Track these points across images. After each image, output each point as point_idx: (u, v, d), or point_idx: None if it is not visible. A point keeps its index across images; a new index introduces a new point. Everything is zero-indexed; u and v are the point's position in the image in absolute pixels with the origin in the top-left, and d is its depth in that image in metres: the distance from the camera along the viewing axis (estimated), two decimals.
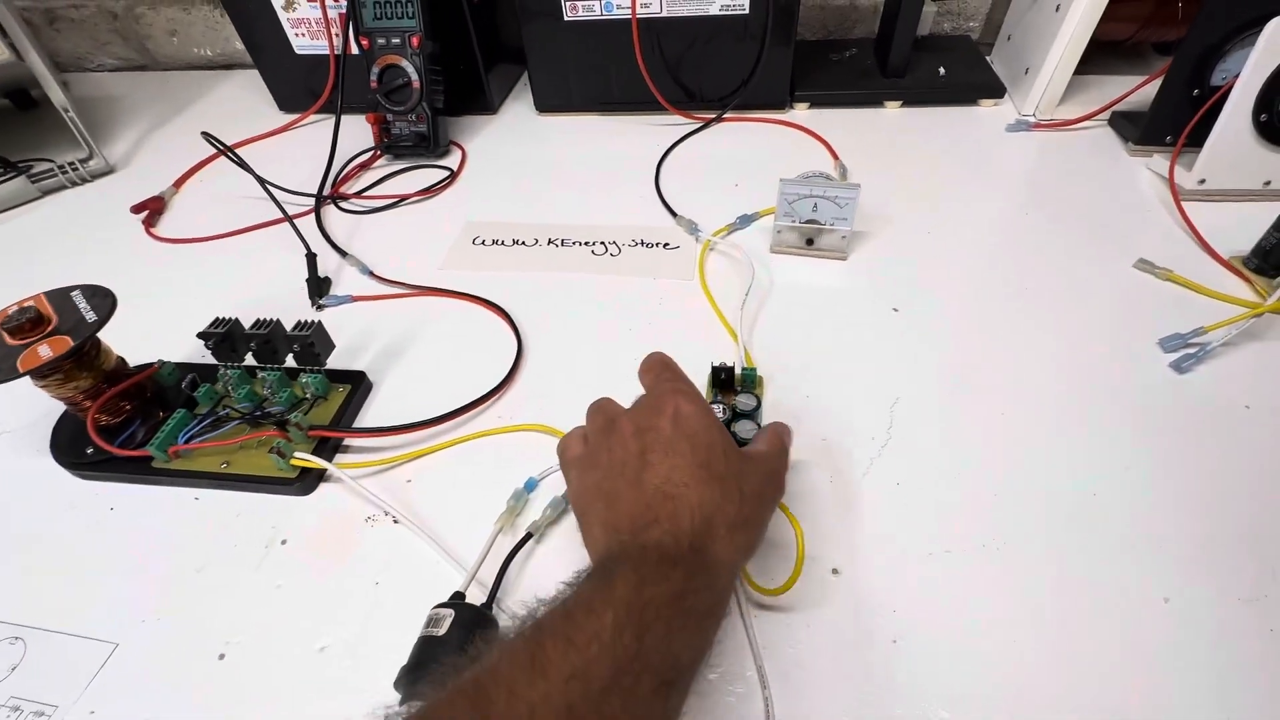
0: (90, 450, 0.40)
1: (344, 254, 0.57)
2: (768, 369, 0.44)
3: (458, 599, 0.32)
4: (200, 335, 0.41)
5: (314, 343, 0.41)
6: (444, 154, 0.69)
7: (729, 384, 0.40)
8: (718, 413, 0.36)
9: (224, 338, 0.41)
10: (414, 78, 0.64)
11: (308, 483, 0.39)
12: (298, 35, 0.71)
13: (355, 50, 0.66)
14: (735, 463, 0.29)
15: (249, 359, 0.42)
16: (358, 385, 0.44)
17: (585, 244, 0.56)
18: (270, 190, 0.58)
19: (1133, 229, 0.53)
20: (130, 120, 0.82)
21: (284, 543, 0.37)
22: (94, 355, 0.39)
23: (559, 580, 0.26)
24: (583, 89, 0.72)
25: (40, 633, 0.34)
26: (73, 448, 0.41)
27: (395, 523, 0.37)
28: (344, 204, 0.64)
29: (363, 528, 0.37)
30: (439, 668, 0.24)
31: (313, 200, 0.62)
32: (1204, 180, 0.53)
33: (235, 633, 0.33)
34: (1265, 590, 0.31)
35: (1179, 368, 0.41)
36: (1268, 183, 0.53)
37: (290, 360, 0.42)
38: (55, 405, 0.41)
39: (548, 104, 0.74)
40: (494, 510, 0.37)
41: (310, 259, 0.54)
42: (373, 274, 0.55)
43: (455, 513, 0.38)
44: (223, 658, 0.33)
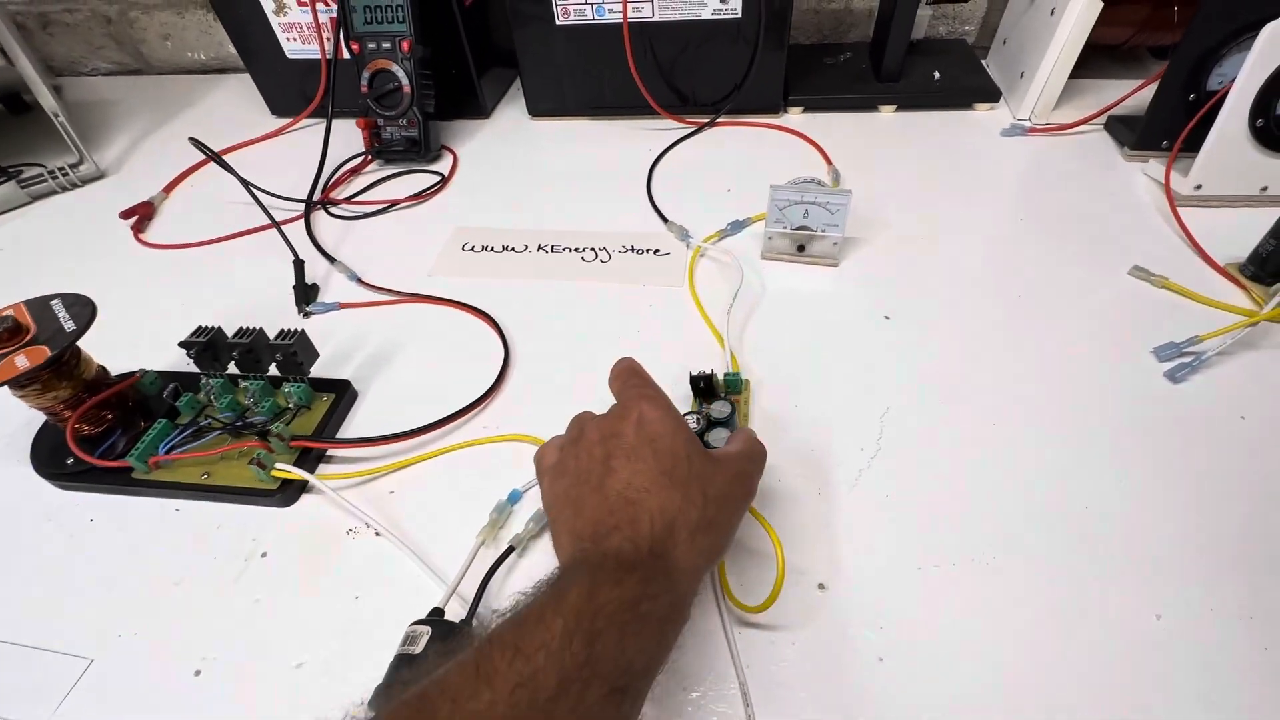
0: (70, 461, 0.40)
1: (332, 260, 0.56)
2: (757, 377, 0.43)
3: (436, 615, 0.31)
4: (182, 344, 0.41)
5: (297, 352, 0.40)
6: (435, 159, 0.69)
7: (709, 392, 0.39)
8: (692, 422, 0.35)
9: (206, 347, 0.41)
10: (405, 82, 0.64)
11: (289, 494, 0.39)
12: (289, 40, 0.71)
13: (347, 55, 0.65)
14: (700, 466, 0.28)
15: (232, 368, 0.42)
16: (342, 394, 0.44)
17: (575, 250, 0.55)
18: (257, 196, 0.58)
19: (1128, 235, 0.52)
20: (123, 125, 0.81)
21: (264, 556, 0.37)
22: (73, 365, 0.39)
23: (516, 590, 0.25)
24: (575, 93, 0.71)
25: (14, 648, 0.33)
26: (53, 458, 0.41)
27: (377, 535, 0.37)
28: (334, 209, 0.63)
29: (344, 540, 0.37)
30: (397, 685, 0.24)
31: (302, 205, 0.62)
32: (1200, 186, 0.52)
33: (212, 648, 0.33)
34: (1259, 606, 0.31)
35: (1173, 377, 0.41)
36: (1264, 188, 0.52)
37: (273, 369, 0.42)
38: (36, 415, 0.41)
39: (540, 108, 0.74)
40: (477, 522, 0.36)
41: (297, 265, 0.54)
42: (361, 280, 0.54)
43: (438, 525, 0.37)
44: (199, 674, 0.32)
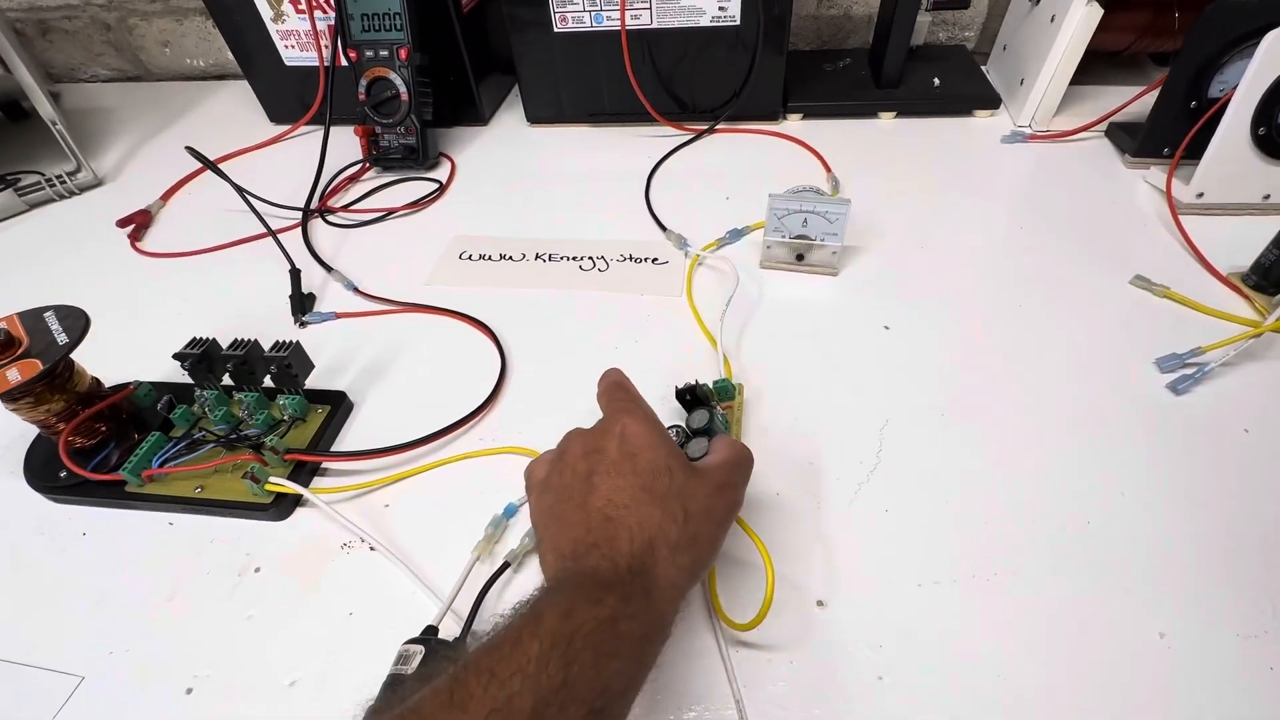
0: (63, 474, 0.40)
1: (329, 269, 0.56)
2: (755, 387, 0.43)
3: (430, 633, 0.31)
4: (176, 356, 0.40)
5: (291, 364, 0.40)
6: (433, 166, 0.69)
7: (699, 403, 0.39)
8: (674, 435, 0.35)
9: (200, 359, 0.40)
10: (402, 90, 0.64)
11: (283, 508, 0.38)
12: (287, 47, 0.71)
13: (344, 62, 0.65)
14: (681, 480, 0.28)
15: (227, 380, 0.42)
16: (338, 406, 0.43)
17: (573, 259, 0.55)
18: (253, 205, 0.58)
19: (1129, 243, 0.52)
20: (121, 132, 0.81)
21: (257, 571, 0.36)
22: (66, 377, 0.39)
23: (498, 612, 0.25)
24: (574, 100, 0.71)
25: (3, 664, 0.33)
26: (46, 471, 0.41)
27: (371, 550, 0.36)
28: (331, 217, 0.63)
29: (338, 555, 0.37)
30: (373, 712, 0.23)
31: (300, 214, 0.61)
32: (1202, 194, 0.52)
33: (204, 665, 0.33)
34: (1265, 626, 0.30)
35: (1176, 389, 0.40)
36: (1267, 196, 0.52)
37: (268, 381, 0.41)
38: (29, 427, 0.40)
39: (538, 115, 0.73)
40: (472, 537, 0.36)
41: (294, 275, 0.54)
42: (357, 290, 0.54)
43: (433, 540, 0.37)
44: (190, 692, 0.32)
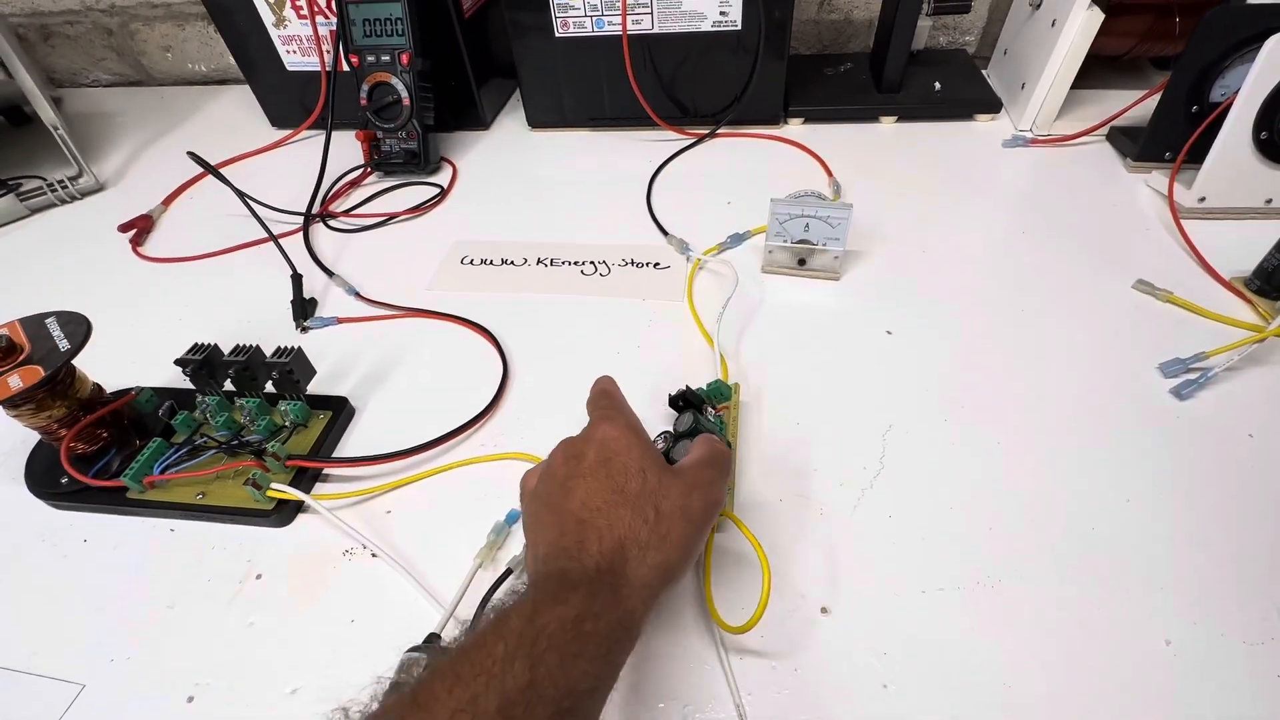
0: (65, 480, 0.40)
1: (331, 274, 0.56)
2: (756, 392, 0.43)
3: (433, 641, 0.31)
4: (178, 362, 0.40)
5: (293, 370, 0.40)
6: (435, 171, 0.69)
7: (690, 408, 0.38)
8: (661, 442, 0.35)
9: (202, 365, 0.40)
10: (404, 95, 0.64)
11: (285, 514, 0.38)
12: (289, 52, 0.71)
13: (346, 67, 0.65)
14: (654, 481, 0.28)
15: (228, 385, 0.42)
16: (339, 411, 0.43)
17: (575, 264, 0.55)
18: (255, 210, 0.58)
19: (1131, 248, 0.52)
20: (123, 136, 0.81)
21: (259, 577, 0.36)
22: (68, 384, 0.39)
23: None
24: (575, 105, 0.71)
25: (3, 672, 0.33)
26: (47, 477, 0.41)
27: (374, 557, 0.36)
28: (333, 222, 0.63)
29: (340, 562, 0.36)
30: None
31: (301, 218, 0.62)
32: (1204, 198, 0.52)
33: (205, 673, 0.32)
34: (1271, 633, 0.30)
35: (1180, 394, 0.40)
36: (1269, 201, 0.52)
37: (270, 387, 0.41)
38: (30, 433, 0.40)
39: (540, 120, 0.73)
40: (475, 543, 0.36)
41: (295, 280, 0.54)
42: (359, 295, 0.54)
43: (435, 546, 0.37)
44: (191, 700, 0.32)
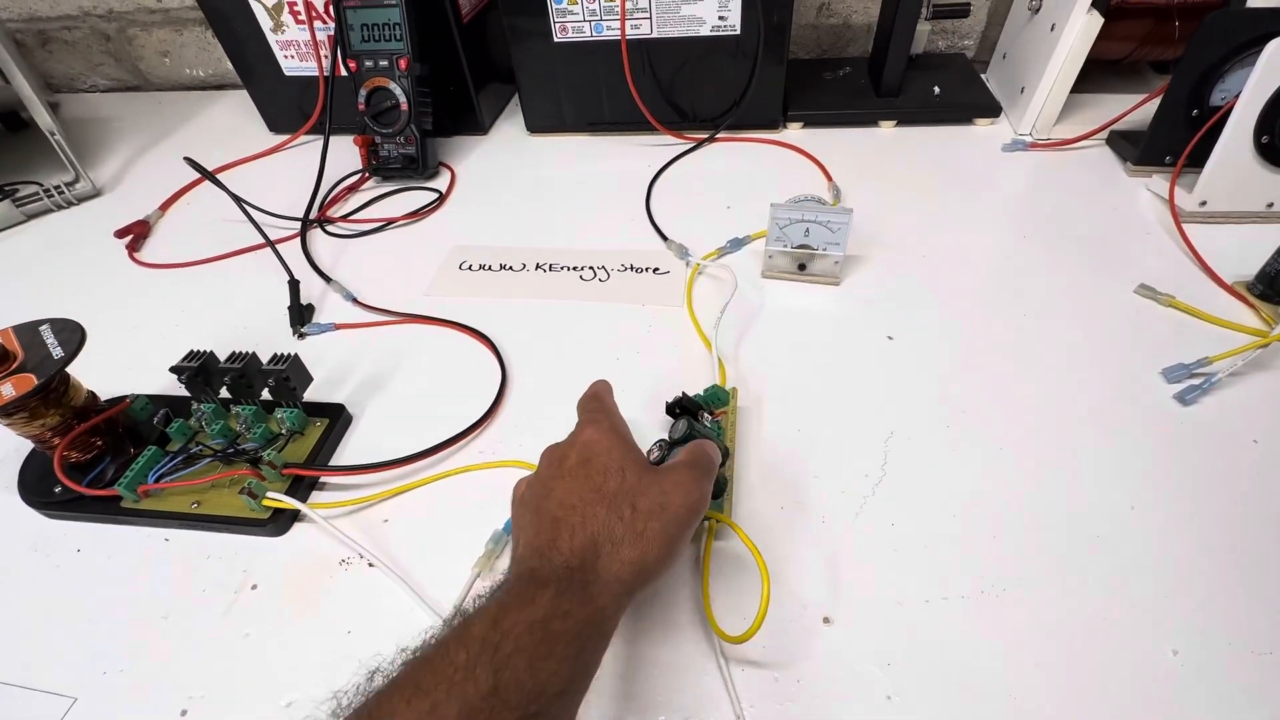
0: (58, 489, 0.39)
1: (328, 280, 0.56)
2: (756, 398, 0.42)
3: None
4: (173, 369, 0.40)
5: (289, 377, 0.40)
6: (433, 176, 0.68)
7: (689, 412, 0.38)
8: (658, 450, 0.34)
9: (198, 372, 0.40)
10: (402, 100, 0.64)
11: (281, 523, 0.38)
12: (287, 57, 0.71)
13: (344, 72, 0.65)
14: (634, 480, 0.28)
15: (224, 393, 0.41)
16: (336, 418, 0.43)
17: (574, 269, 0.55)
18: (251, 215, 0.57)
19: (1133, 252, 0.51)
20: (120, 142, 0.81)
21: (254, 588, 0.36)
22: (61, 392, 0.38)
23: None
24: (574, 109, 0.71)
25: None
26: (40, 486, 0.40)
27: (370, 566, 0.36)
28: (330, 228, 0.63)
29: (336, 571, 0.36)
30: None
31: (299, 224, 0.61)
32: (1205, 202, 0.52)
33: (199, 686, 0.32)
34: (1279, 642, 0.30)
35: (1183, 399, 0.40)
36: (1271, 205, 0.52)
37: (266, 394, 0.41)
38: (24, 442, 0.40)
39: (539, 124, 0.73)
40: (473, 552, 0.35)
41: (293, 286, 0.53)
42: (357, 300, 0.53)
43: (433, 555, 0.36)
44: (185, 713, 0.31)
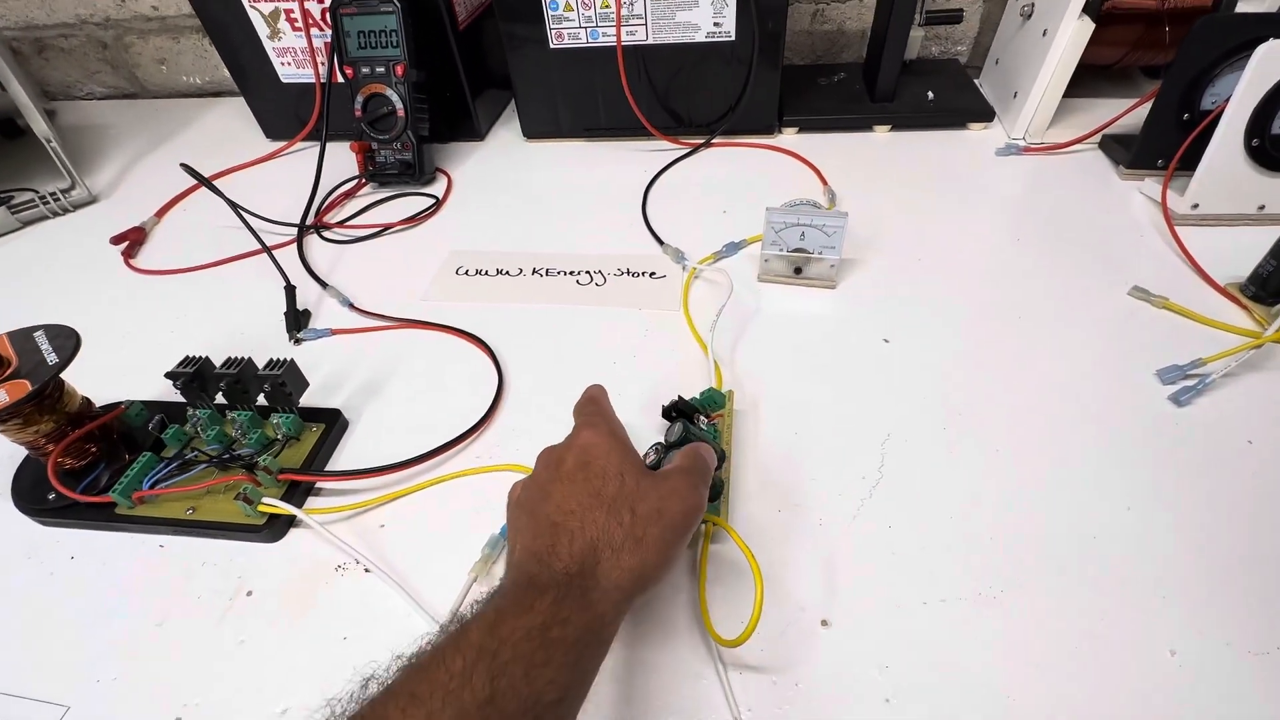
0: (52, 496, 0.39)
1: (325, 285, 0.56)
2: (753, 401, 0.42)
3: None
4: (169, 375, 0.40)
5: (285, 382, 0.40)
6: (429, 181, 0.68)
7: (686, 416, 0.38)
8: (654, 454, 0.34)
9: (193, 378, 0.40)
10: (398, 106, 0.64)
11: (276, 529, 0.38)
12: (283, 64, 0.71)
13: (340, 79, 0.65)
14: (633, 484, 0.28)
15: (220, 398, 0.41)
16: (332, 424, 0.43)
17: (570, 274, 0.55)
18: (248, 221, 0.57)
19: (1126, 254, 0.52)
20: (116, 149, 0.81)
21: (249, 594, 0.35)
22: (56, 398, 0.38)
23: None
24: (570, 115, 0.71)
25: None
26: (34, 493, 0.40)
27: (367, 572, 0.36)
28: (327, 233, 0.63)
29: (333, 577, 0.36)
30: None
31: (295, 230, 0.61)
32: (1197, 205, 0.52)
33: (193, 694, 0.32)
34: (1277, 642, 0.30)
35: (1178, 400, 0.40)
36: (1262, 207, 0.52)
37: (262, 400, 0.41)
38: (17, 448, 0.40)
39: (535, 130, 0.74)
40: (470, 557, 0.35)
41: (289, 291, 0.53)
42: (353, 306, 0.53)
43: (429, 560, 0.36)
44: None
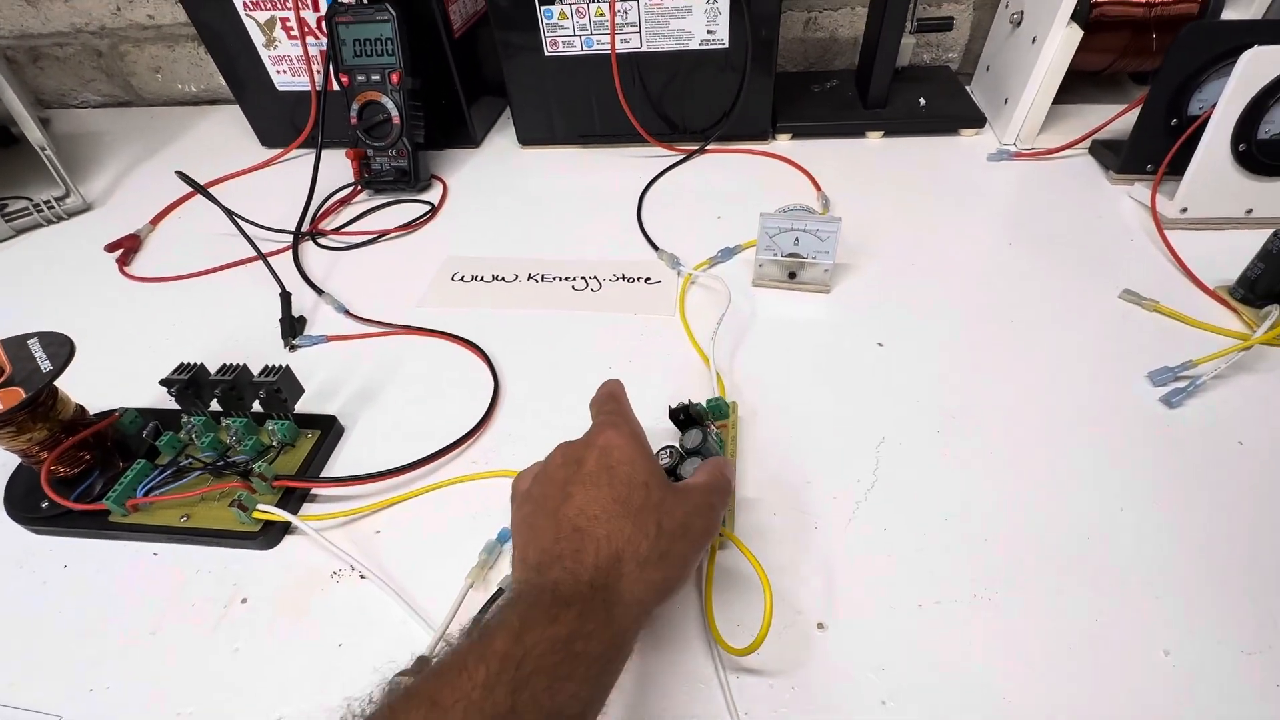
0: (45, 504, 0.39)
1: (320, 292, 0.56)
2: (749, 406, 0.43)
3: (423, 664, 0.30)
4: (163, 382, 0.40)
5: (280, 389, 0.40)
6: (425, 188, 0.69)
7: (691, 422, 0.38)
8: (666, 456, 0.34)
9: (187, 384, 0.40)
10: (394, 113, 0.64)
11: (271, 536, 0.38)
12: (279, 72, 0.71)
13: (336, 87, 0.65)
14: (659, 496, 0.27)
15: (215, 405, 0.41)
16: (328, 430, 0.43)
17: (566, 279, 0.55)
18: (243, 228, 0.57)
19: (1117, 258, 0.52)
20: (111, 157, 0.81)
21: (244, 602, 0.35)
22: (49, 406, 0.38)
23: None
24: (565, 122, 0.72)
25: None
26: (27, 501, 0.40)
27: (362, 578, 0.36)
28: (322, 240, 0.63)
29: (328, 584, 0.36)
30: None
31: (290, 237, 0.61)
32: (1186, 209, 0.53)
33: (188, 702, 0.32)
34: (1269, 642, 0.30)
35: (1169, 402, 0.40)
36: (1249, 211, 0.53)
37: (257, 406, 0.41)
38: (10, 456, 0.39)
39: (530, 137, 0.74)
40: (466, 563, 0.35)
41: (284, 298, 0.53)
42: (349, 312, 0.53)
43: (425, 566, 0.36)
44: None
